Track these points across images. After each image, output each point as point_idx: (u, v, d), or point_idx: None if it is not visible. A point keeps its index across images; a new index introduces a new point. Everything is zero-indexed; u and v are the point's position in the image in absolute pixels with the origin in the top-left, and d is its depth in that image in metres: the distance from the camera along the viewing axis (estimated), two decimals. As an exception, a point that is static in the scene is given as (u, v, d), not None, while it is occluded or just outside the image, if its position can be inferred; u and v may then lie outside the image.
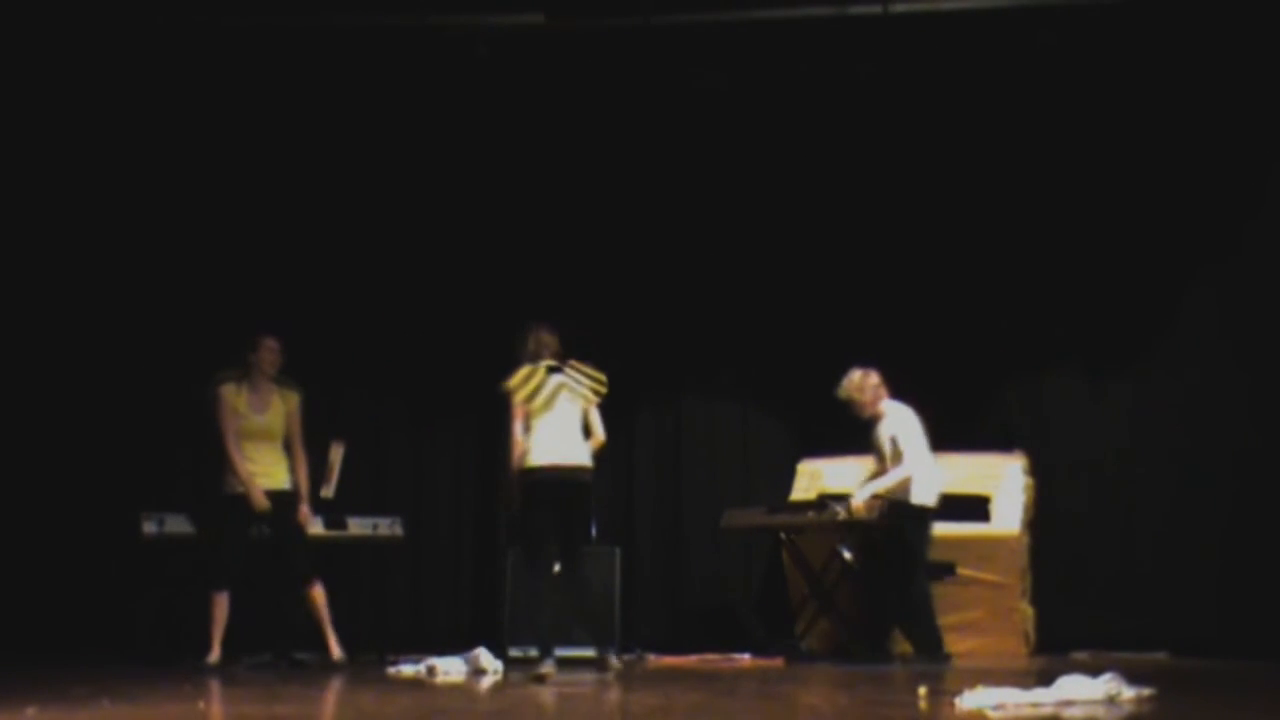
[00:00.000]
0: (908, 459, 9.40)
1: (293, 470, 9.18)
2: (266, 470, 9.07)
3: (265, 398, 9.15)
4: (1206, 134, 10.33)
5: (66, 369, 10.66)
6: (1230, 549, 9.94)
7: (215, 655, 8.84)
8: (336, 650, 9.06)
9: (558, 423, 8.50)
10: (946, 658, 9.36)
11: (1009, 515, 10.04)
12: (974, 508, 9.73)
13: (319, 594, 9.05)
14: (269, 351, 9.14)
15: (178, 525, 9.69)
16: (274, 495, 9.03)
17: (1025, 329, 10.81)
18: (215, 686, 7.51)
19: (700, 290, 11.15)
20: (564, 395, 8.54)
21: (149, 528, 9.66)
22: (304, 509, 9.12)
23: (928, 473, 9.47)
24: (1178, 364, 10.46)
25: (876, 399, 9.62)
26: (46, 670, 8.31)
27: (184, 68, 10.35)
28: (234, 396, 9.07)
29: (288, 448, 9.20)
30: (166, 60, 10.28)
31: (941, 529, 9.73)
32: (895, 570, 9.50)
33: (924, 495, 9.44)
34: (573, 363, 8.61)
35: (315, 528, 9.50)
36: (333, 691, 7.33)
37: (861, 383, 9.58)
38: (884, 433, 9.57)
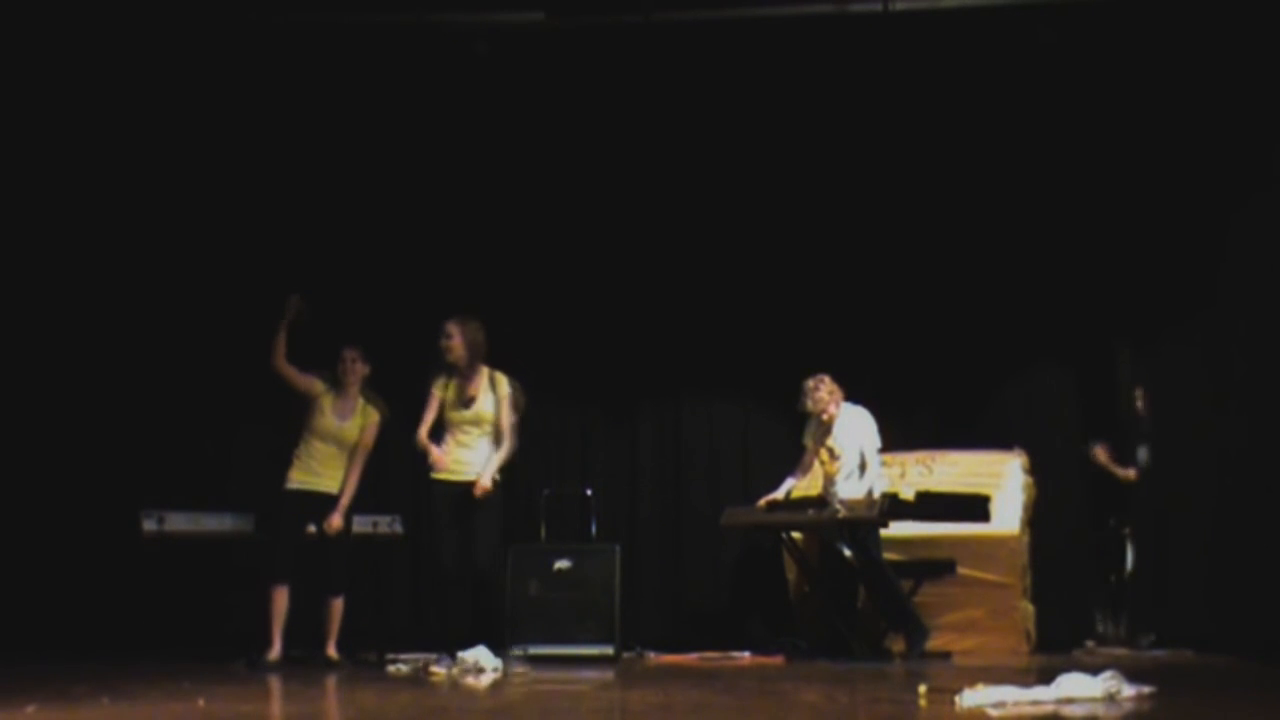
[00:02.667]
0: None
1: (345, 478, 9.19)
2: (325, 472, 9.12)
3: (350, 406, 9.20)
4: (1204, 131, 10.32)
5: (66, 365, 10.66)
6: (1232, 546, 9.92)
7: (276, 651, 8.83)
8: (333, 652, 9.07)
9: None
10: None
11: (1008, 515, 10.01)
12: (973, 507, 9.72)
13: (338, 605, 9.09)
14: (342, 361, 9.21)
15: (177, 523, 9.68)
16: (326, 499, 9.08)
17: (1024, 325, 10.81)
18: (272, 683, 7.53)
19: (701, 290, 11.14)
20: None
21: (148, 525, 9.65)
22: (335, 517, 9.04)
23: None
24: (1184, 360, 10.46)
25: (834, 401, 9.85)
26: (46, 668, 8.30)
27: (183, 65, 10.35)
28: (324, 396, 9.16)
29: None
30: (167, 57, 10.28)
31: (941, 529, 9.74)
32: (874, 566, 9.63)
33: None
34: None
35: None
36: (333, 690, 7.33)
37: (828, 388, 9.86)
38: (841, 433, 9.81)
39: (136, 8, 9.93)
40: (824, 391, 9.82)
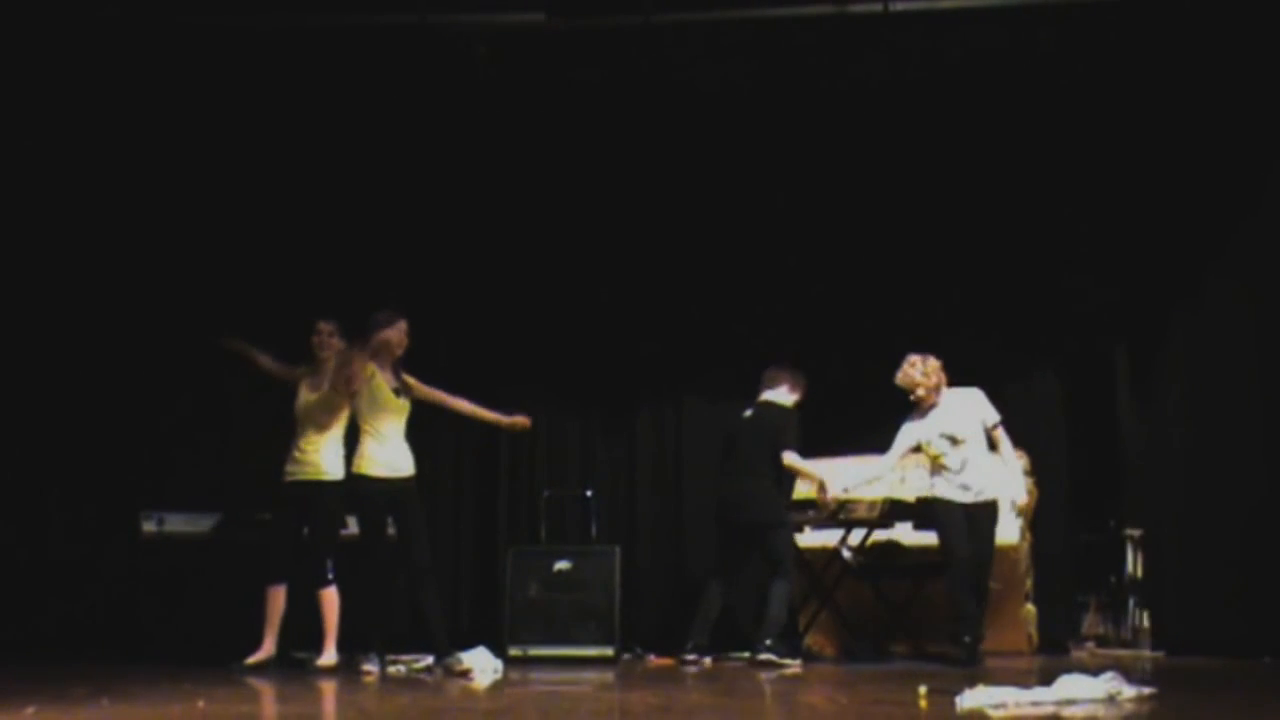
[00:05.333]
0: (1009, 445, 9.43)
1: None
2: (303, 459, 8.81)
3: (323, 380, 8.89)
4: (1208, 131, 10.30)
5: (66, 366, 10.66)
6: (1241, 546, 9.90)
7: (264, 652, 8.60)
8: (330, 657, 8.65)
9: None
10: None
11: (1008, 522, 9.97)
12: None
13: (331, 596, 8.71)
14: (318, 334, 8.97)
15: (177, 524, 9.68)
16: (311, 486, 8.80)
17: (1024, 327, 10.81)
18: (271, 685, 7.51)
19: (701, 289, 11.14)
20: None
21: (148, 526, 9.65)
22: None
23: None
24: (1186, 362, 10.45)
25: (939, 384, 9.48)
26: (46, 670, 8.30)
27: (185, 67, 10.33)
28: (300, 380, 8.96)
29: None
30: (169, 59, 10.26)
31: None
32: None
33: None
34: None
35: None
36: (333, 691, 7.33)
37: (924, 368, 9.47)
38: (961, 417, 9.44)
39: (137, 9, 9.91)
40: (916, 370, 9.45)
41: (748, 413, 9.53)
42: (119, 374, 10.75)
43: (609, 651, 9.81)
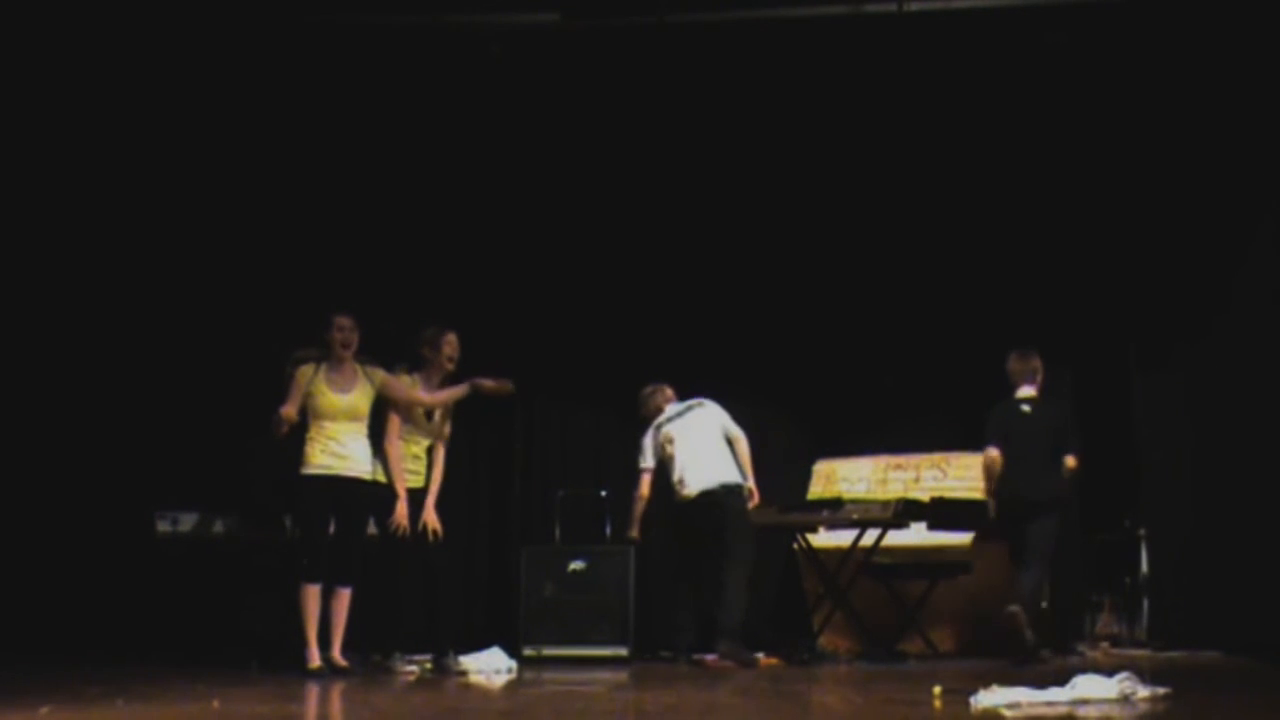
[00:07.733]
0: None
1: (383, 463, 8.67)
2: (347, 454, 8.41)
3: (348, 377, 8.49)
4: (1221, 135, 10.30)
5: (79, 366, 10.68)
6: (1247, 547, 9.89)
7: (314, 658, 8.17)
8: (339, 655, 8.40)
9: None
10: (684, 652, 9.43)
11: None
12: (986, 515, 9.66)
13: (345, 597, 8.40)
14: (339, 330, 8.50)
15: (191, 524, 9.68)
16: (350, 483, 8.44)
17: (1037, 328, 10.79)
18: (286, 685, 7.51)
19: (714, 291, 11.14)
20: None
21: (162, 526, 9.65)
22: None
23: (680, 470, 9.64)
24: (1197, 362, 10.44)
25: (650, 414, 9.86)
26: (61, 670, 8.32)
27: (200, 67, 10.36)
28: (309, 376, 8.41)
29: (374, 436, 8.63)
30: (183, 59, 10.29)
31: (953, 537, 9.71)
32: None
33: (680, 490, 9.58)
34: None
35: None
36: (346, 691, 7.33)
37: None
38: None
39: (154, 8, 9.93)
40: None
41: (1025, 408, 9.53)
42: (133, 372, 10.76)
43: (623, 652, 9.81)
